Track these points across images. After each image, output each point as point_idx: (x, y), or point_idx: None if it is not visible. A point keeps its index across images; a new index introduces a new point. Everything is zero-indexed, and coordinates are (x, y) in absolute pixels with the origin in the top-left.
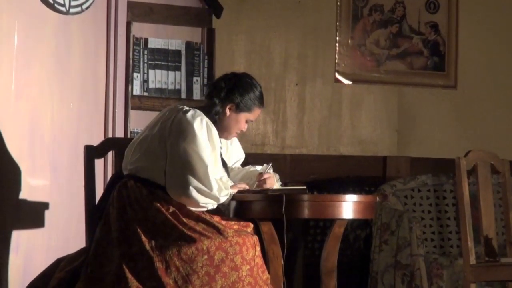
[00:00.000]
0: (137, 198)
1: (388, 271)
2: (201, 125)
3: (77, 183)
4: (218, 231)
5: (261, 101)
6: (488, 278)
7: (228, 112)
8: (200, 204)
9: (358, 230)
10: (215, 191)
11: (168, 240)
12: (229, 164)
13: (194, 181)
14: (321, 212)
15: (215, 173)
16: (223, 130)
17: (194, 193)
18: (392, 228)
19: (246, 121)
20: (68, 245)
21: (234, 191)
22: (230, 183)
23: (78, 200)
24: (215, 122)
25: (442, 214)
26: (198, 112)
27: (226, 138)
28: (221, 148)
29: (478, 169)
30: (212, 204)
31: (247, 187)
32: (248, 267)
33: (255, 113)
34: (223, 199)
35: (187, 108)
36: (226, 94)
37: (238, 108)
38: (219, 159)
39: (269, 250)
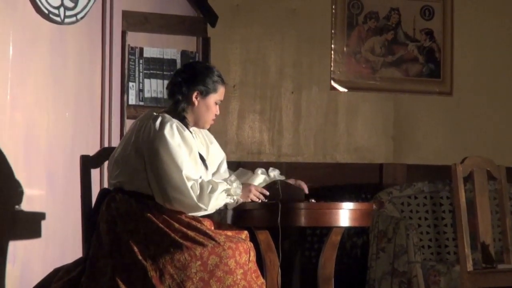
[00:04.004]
0: (126, 210)
1: (385, 279)
2: (172, 131)
3: (73, 193)
4: (210, 237)
5: (222, 78)
6: (485, 284)
7: (195, 101)
8: (187, 212)
9: (355, 237)
10: (193, 198)
11: (161, 248)
12: (215, 167)
13: (171, 191)
14: (318, 220)
15: (198, 174)
16: (197, 121)
17: (173, 202)
18: (389, 235)
19: (216, 103)
20: (65, 255)
21: (245, 199)
22: (240, 187)
23: (74, 210)
24: (184, 119)
25: (439, 221)
26: (167, 117)
27: (204, 127)
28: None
29: (474, 175)
30: (203, 210)
31: (267, 193)
32: (241, 271)
33: (221, 92)
34: (203, 205)
35: (156, 114)
36: (187, 86)
37: (204, 93)
38: (198, 159)
39: (266, 258)
